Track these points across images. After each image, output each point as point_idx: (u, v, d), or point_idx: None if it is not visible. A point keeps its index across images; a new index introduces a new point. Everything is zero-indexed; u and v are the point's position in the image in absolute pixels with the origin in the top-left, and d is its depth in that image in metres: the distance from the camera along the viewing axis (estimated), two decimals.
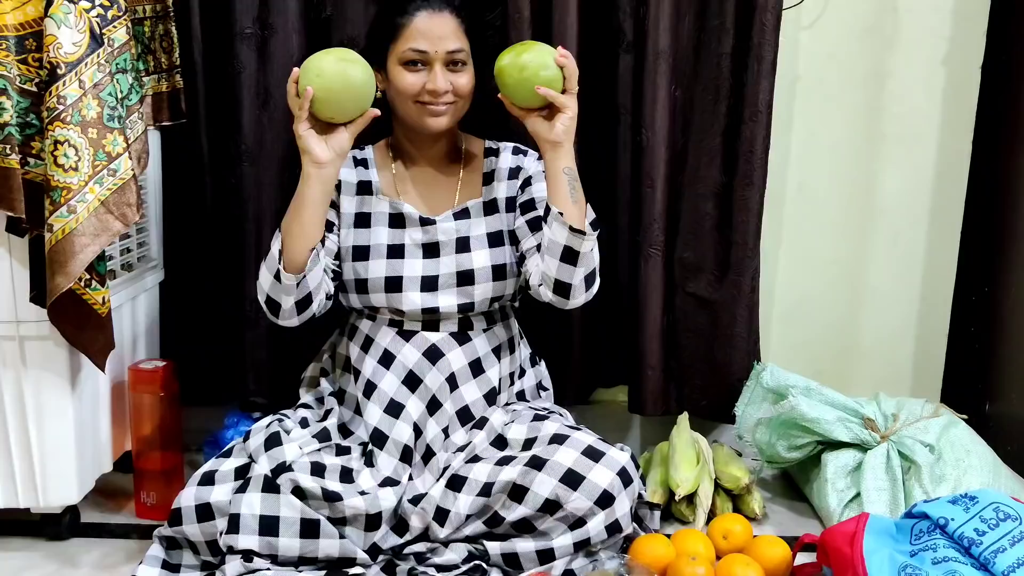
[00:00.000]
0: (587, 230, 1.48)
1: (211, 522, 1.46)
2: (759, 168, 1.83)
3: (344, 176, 1.64)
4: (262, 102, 1.79)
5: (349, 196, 1.64)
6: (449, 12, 1.55)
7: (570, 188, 1.49)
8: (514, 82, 1.47)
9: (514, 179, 1.66)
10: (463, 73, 1.57)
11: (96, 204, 1.42)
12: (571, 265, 1.50)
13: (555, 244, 1.50)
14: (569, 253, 1.49)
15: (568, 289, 1.52)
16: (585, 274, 1.52)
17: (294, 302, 1.53)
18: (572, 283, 1.52)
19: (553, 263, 1.51)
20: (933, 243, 2.06)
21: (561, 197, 1.49)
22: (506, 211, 1.65)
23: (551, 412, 1.66)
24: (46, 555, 1.58)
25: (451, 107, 1.58)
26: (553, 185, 1.50)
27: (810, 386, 1.81)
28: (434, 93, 1.55)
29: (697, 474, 1.73)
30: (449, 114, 1.58)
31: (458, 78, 1.56)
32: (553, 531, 1.45)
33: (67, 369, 1.53)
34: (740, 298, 1.89)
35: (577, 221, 1.49)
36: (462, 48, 1.56)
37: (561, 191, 1.49)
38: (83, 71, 1.39)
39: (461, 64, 1.57)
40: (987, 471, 1.68)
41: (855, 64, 1.98)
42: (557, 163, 1.49)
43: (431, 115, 1.57)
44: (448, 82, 1.55)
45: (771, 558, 1.51)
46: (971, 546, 1.37)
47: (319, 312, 1.59)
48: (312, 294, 1.54)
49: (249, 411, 1.90)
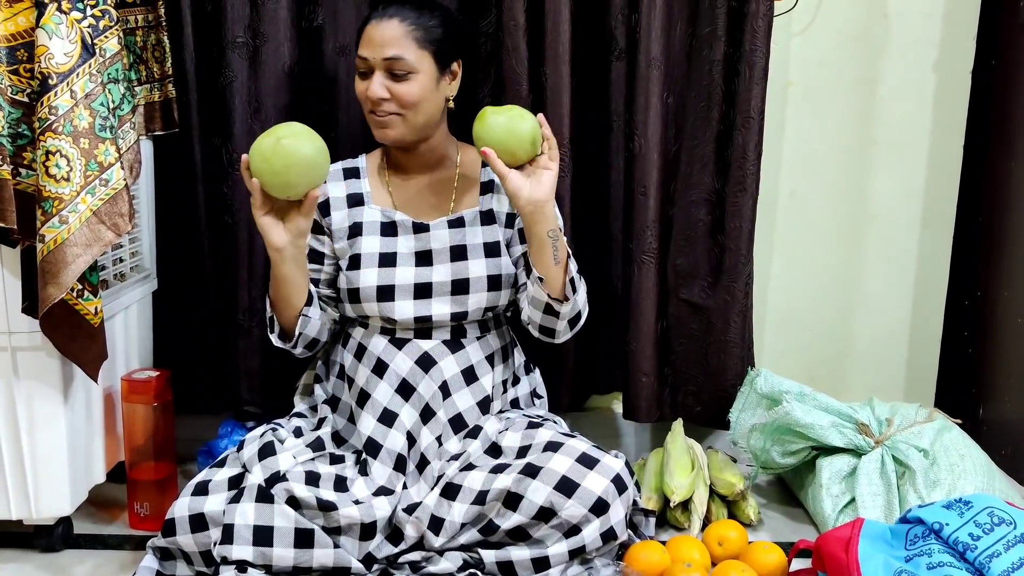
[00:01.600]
0: (567, 293, 1.52)
1: (205, 532, 1.45)
2: (752, 174, 1.83)
3: (332, 192, 1.64)
4: (254, 110, 1.79)
5: (340, 210, 1.64)
6: (398, 20, 1.53)
7: (553, 250, 1.50)
8: (504, 131, 1.47)
9: None
10: (409, 82, 1.54)
11: (88, 214, 1.42)
12: (554, 317, 1.58)
13: (537, 301, 1.56)
14: (550, 310, 1.56)
15: (553, 333, 1.62)
16: (569, 318, 1.58)
17: (303, 348, 1.64)
18: (556, 329, 1.61)
19: (537, 314, 1.59)
20: (925, 248, 2.07)
21: (544, 262, 1.51)
22: (504, 226, 1.65)
23: (545, 419, 1.66)
24: (39, 567, 1.57)
25: (397, 118, 1.55)
26: (536, 248, 1.51)
27: (804, 391, 1.81)
28: (371, 101, 1.55)
29: (692, 480, 1.73)
30: (396, 126, 1.56)
31: (401, 87, 1.53)
32: (548, 539, 1.45)
33: (59, 379, 1.52)
34: (733, 304, 1.89)
35: (557, 288, 1.53)
36: (402, 56, 1.52)
37: (544, 255, 1.51)
38: (75, 81, 1.39)
39: (406, 73, 1.53)
40: (981, 475, 1.68)
41: (846, 70, 1.98)
42: (542, 226, 1.49)
43: (378, 126, 1.57)
44: (384, 89, 1.53)
45: (766, 564, 1.51)
46: (966, 551, 1.37)
47: (330, 338, 1.67)
48: (317, 338, 1.64)
49: (243, 420, 1.89)
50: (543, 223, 1.49)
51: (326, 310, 1.64)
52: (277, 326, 1.60)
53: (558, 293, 1.52)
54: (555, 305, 1.54)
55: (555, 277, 1.51)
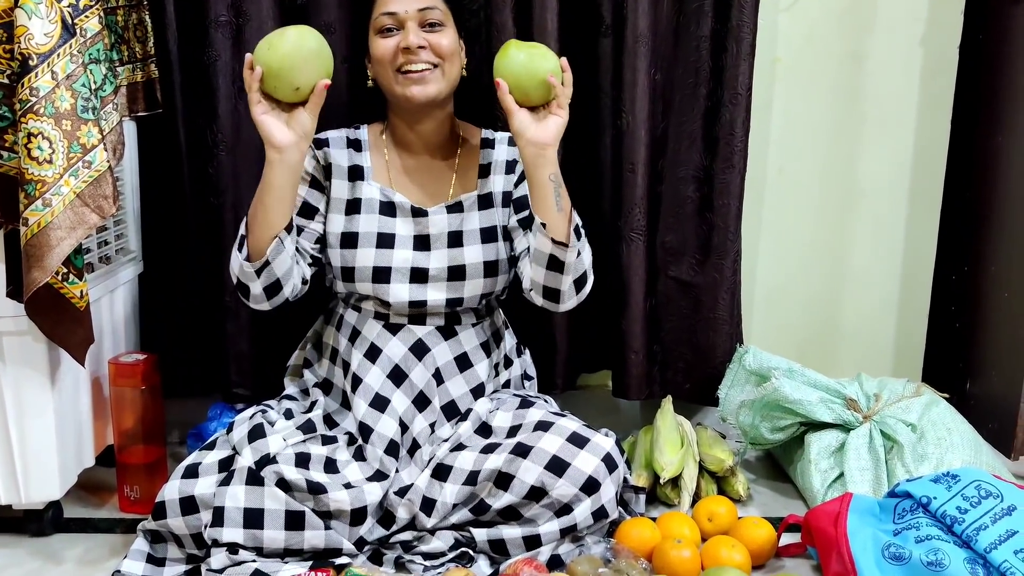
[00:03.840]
0: (571, 240, 1.46)
1: (195, 515, 1.45)
2: (739, 151, 1.83)
3: (336, 159, 1.61)
4: (238, 90, 1.77)
5: (341, 180, 1.61)
6: None
7: (555, 196, 1.46)
8: (521, 68, 1.43)
9: (511, 173, 1.64)
10: (442, 34, 1.53)
11: (72, 197, 1.40)
12: (558, 273, 1.49)
13: (540, 254, 1.49)
14: (555, 262, 1.48)
15: (557, 295, 1.53)
16: (574, 279, 1.51)
17: (262, 288, 1.51)
18: (561, 289, 1.52)
19: (540, 271, 1.51)
20: (913, 223, 2.07)
21: (546, 207, 1.46)
22: (501, 205, 1.63)
23: (535, 399, 1.66)
24: (29, 551, 1.57)
25: (434, 72, 1.53)
26: (537, 194, 1.47)
27: (792, 367, 1.81)
28: (408, 51, 1.51)
29: (681, 457, 1.74)
30: (434, 80, 1.53)
31: (436, 37, 1.52)
32: (539, 518, 1.46)
33: (46, 364, 1.51)
34: (722, 281, 1.89)
35: (561, 232, 1.46)
36: (435, 7, 1.53)
37: (546, 200, 1.46)
38: (55, 62, 1.37)
39: (438, 25, 1.53)
40: (968, 449, 1.69)
41: (833, 46, 1.98)
42: (543, 170, 1.45)
43: (413, 83, 1.52)
44: (423, 39, 1.51)
45: (756, 539, 1.52)
46: (953, 524, 1.38)
47: (293, 297, 1.56)
48: (281, 281, 1.52)
49: (232, 403, 1.89)
50: (544, 167, 1.45)
51: (300, 262, 1.57)
52: (246, 248, 1.49)
53: (563, 236, 1.46)
54: (559, 254, 1.47)
55: (558, 222, 1.46)
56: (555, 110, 1.45)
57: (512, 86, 1.44)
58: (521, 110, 1.45)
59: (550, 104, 1.45)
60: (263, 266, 1.48)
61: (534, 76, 1.43)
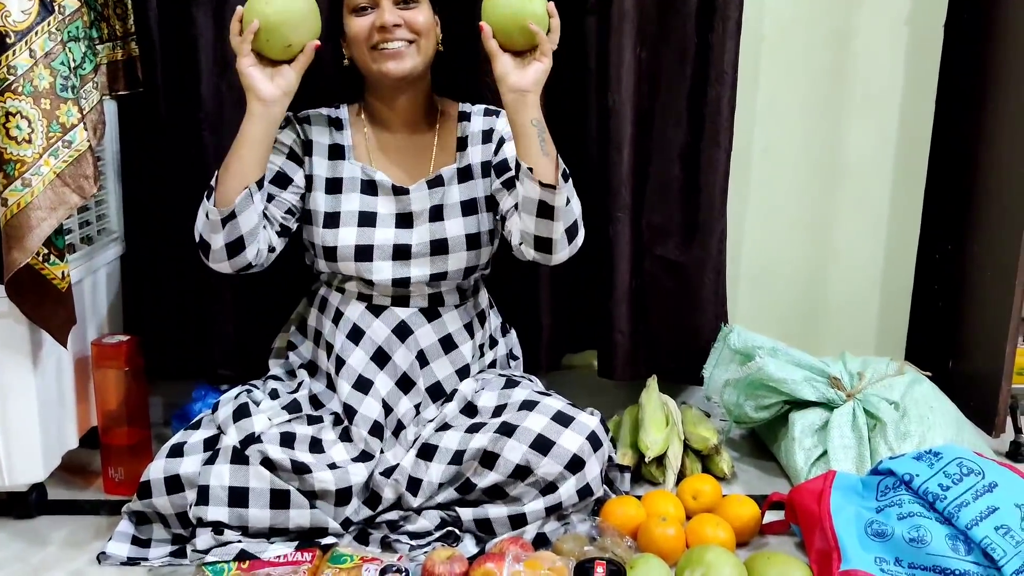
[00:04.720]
0: (559, 183, 1.43)
1: (181, 494, 1.45)
2: (725, 129, 1.83)
3: (316, 137, 1.60)
4: (221, 69, 1.75)
5: (321, 158, 1.60)
6: None
7: (540, 140, 1.43)
8: (508, 12, 1.40)
9: (488, 142, 1.63)
10: (417, 10, 1.52)
11: (52, 177, 1.39)
12: (548, 219, 1.46)
13: (529, 201, 1.45)
14: (544, 208, 1.45)
15: (549, 244, 1.49)
16: (565, 227, 1.48)
17: (223, 243, 1.47)
18: (553, 237, 1.48)
19: (530, 220, 1.47)
20: (897, 202, 2.08)
21: (531, 151, 1.44)
22: (481, 176, 1.62)
23: (521, 379, 1.66)
24: (13, 534, 1.56)
25: (411, 47, 1.53)
26: (521, 139, 1.44)
27: (776, 347, 1.82)
28: (384, 29, 1.50)
29: (666, 436, 1.74)
30: (409, 56, 1.53)
31: (411, 14, 1.52)
32: (525, 496, 1.46)
33: (28, 346, 1.50)
34: (707, 260, 1.89)
35: (548, 175, 1.43)
36: None
37: (530, 145, 1.43)
38: (33, 40, 1.35)
39: (413, 1, 1.52)
40: (951, 427, 1.70)
41: (819, 24, 1.97)
42: (524, 114, 1.43)
43: (389, 59, 1.52)
44: (398, 17, 1.51)
45: (740, 517, 1.53)
46: (935, 501, 1.39)
47: (257, 264, 1.53)
48: (245, 240, 1.48)
49: (217, 384, 1.88)
50: (524, 111, 1.43)
51: (267, 228, 1.54)
52: (215, 196, 1.47)
53: (551, 178, 1.43)
54: (548, 198, 1.44)
55: (545, 166, 1.44)
56: (539, 56, 1.43)
57: (496, 30, 1.42)
58: (504, 54, 1.42)
59: (535, 50, 1.43)
60: (229, 216, 1.45)
61: (519, 21, 1.40)
